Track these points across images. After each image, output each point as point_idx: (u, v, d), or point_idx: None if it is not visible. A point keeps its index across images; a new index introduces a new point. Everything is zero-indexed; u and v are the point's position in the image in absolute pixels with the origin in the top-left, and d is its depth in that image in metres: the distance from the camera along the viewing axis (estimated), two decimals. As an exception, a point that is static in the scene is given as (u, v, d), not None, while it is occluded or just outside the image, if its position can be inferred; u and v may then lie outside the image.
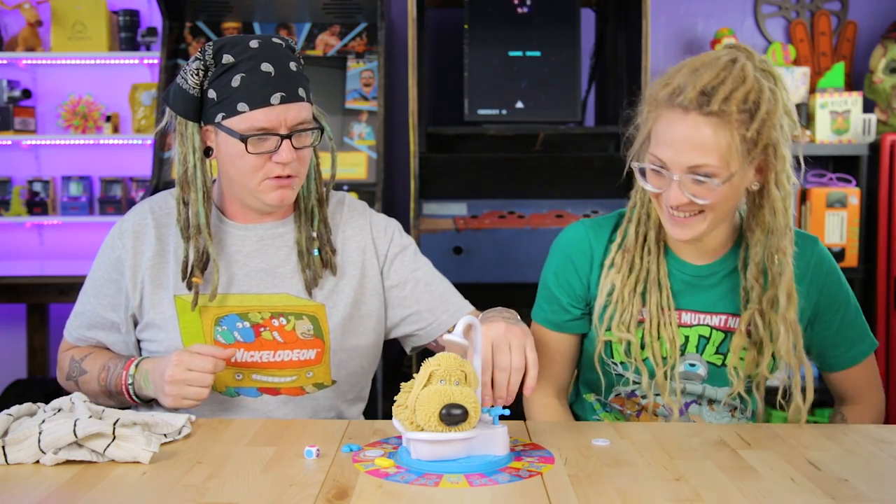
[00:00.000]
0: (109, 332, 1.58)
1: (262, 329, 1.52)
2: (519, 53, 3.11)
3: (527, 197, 3.04)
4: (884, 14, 3.53)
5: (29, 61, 3.67)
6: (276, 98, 1.43)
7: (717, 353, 1.50)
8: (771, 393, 1.59)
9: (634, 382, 1.53)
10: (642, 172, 1.42)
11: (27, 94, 3.67)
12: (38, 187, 3.68)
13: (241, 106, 1.42)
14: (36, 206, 3.63)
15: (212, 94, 1.45)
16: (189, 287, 1.50)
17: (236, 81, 1.43)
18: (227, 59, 1.43)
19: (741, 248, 1.50)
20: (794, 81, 3.38)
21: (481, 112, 3.09)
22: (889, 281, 3.18)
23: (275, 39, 1.48)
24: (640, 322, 1.49)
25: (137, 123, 3.63)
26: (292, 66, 1.47)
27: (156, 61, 3.44)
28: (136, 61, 3.63)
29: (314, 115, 1.53)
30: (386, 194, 3.10)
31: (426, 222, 2.97)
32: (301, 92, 1.47)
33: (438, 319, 1.61)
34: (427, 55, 3.27)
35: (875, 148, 3.23)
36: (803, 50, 3.51)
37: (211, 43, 1.46)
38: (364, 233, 1.62)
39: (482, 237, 2.96)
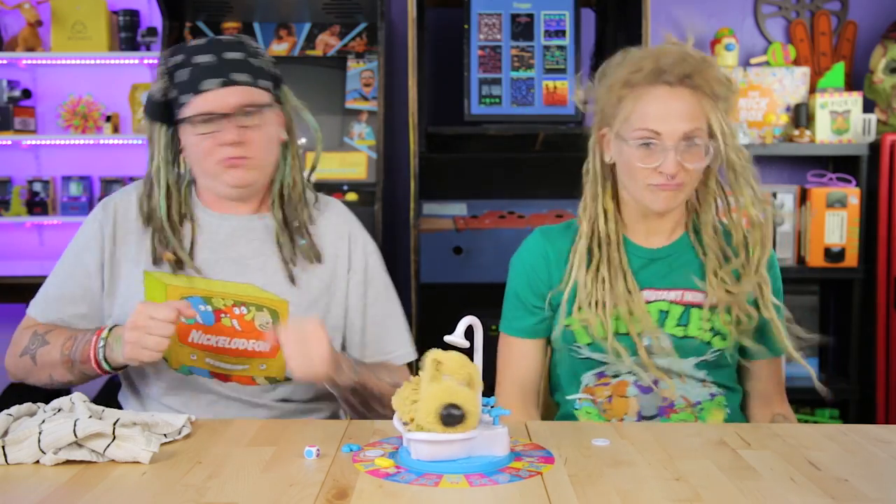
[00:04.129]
0: (79, 304, 1.60)
1: (222, 315, 1.56)
2: (519, 53, 3.11)
3: (527, 197, 3.05)
4: (884, 14, 3.53)
5: (29, 61, 3.66)
6: (213, 83, 1.52)
7: (677, 325, 1.55)
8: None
9: (602, 363, 1.56)
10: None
11: (27, 94, 3.67)
12: (38, 187, 3.68)
13: (186, 97, 1.53)
14: (36, 206, 3.63)
15: (173, 94, 1.56)
16: (155, 262, 1.57)
17: (183, 76, 1.54)
18: (176, 59, 1.56)
19: (691, 232, 1.61)
20: (794, 81, 3.38)
21: (481, 112, 3.09)
22: (889, 281, 3.18)
23: (224, 37, 1.59)
24: (605, 305, 1.54)
25: (137, 123, 3.62)
26: (233, 55, 1.55)
27: (156, 61, 3.42)
28: (136, 61, 3.62)
29: (286, 103, 1.62)
30: (386, 194, 3.10)
31: (426, 222, 2.97)
32: (242, 77, 1.54)
33: (378, 355, 1.65)
34: (427, 55, 3.27)
35: (875, 148, 3.23)
36: (803, 50, 3.51)
37: (169, 49, 1.58)
38: (342, 241, 1.66)
39: (482, 237, 2.96)
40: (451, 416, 1.14)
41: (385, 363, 1.64)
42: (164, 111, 1.57)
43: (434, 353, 1.18)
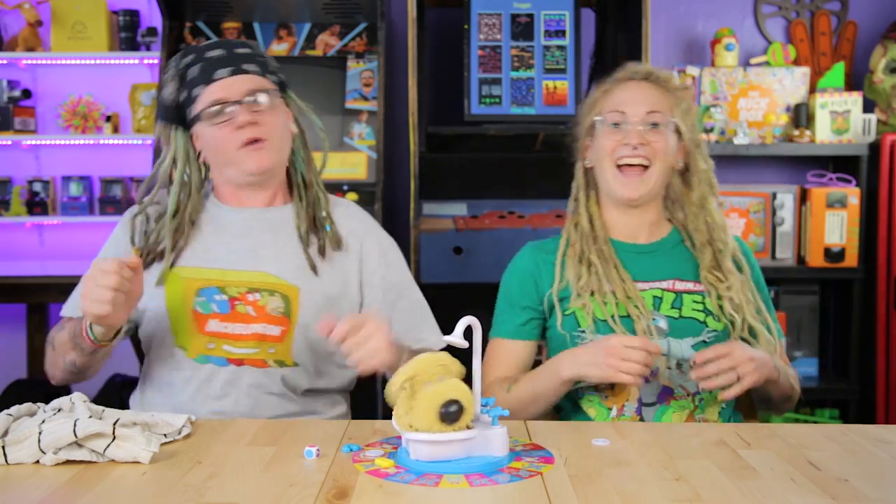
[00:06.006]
0: None
1: (237, 302, 1.60)
2: (519, 53, 3.11)
3: (527, 197, 3.04)
4: (884, 14, 3.53)
5: (29, 61, 3.66)
6: (222, 73, 1.60)
7: (672, 308, 1.64)
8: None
9: None
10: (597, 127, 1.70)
11: (27, 94, 3.67)
12: (38, 187, 3.68)
13: (197, 90, 1.60)
14: (36, 206, 3.63)
15: (184, 94, 1.62)
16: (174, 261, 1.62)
17: (195, 72, 1.61)
18: (187, 59, 1.62)
19: (683, 232, 1.74)
20: (794, 81, 3.38)
21: (481, 112, 3.08)
22: (889, 281, 3.18)
23: (233, 40, 1.67)
24: (602, 291, 1.64)
25: (137, 123, 3.62)
26: (240, 50, 1.63)
27: (156, 61, 3.43)
28: (136, 61, 3.62)
29: (293, 105, 1.69)
30: (386, 194, 3.10)
31: (426, 222, 2.97)
32: (248, 67, 1.62)
33: (414, 344, 1.66)
34: (427, 55, 3.26)
35: (875, 148, 3.23)
36: (803, 50, 3.51)
37: (179, 52, 1.66)
38: (355, 237, 1.69)
39: (482, 237, 2.96)
40: (449, 413, 1.15)
41: (424, 350, 1.66)
42: (176, 114, 1.63)
43: (400, 374, 1.19)
